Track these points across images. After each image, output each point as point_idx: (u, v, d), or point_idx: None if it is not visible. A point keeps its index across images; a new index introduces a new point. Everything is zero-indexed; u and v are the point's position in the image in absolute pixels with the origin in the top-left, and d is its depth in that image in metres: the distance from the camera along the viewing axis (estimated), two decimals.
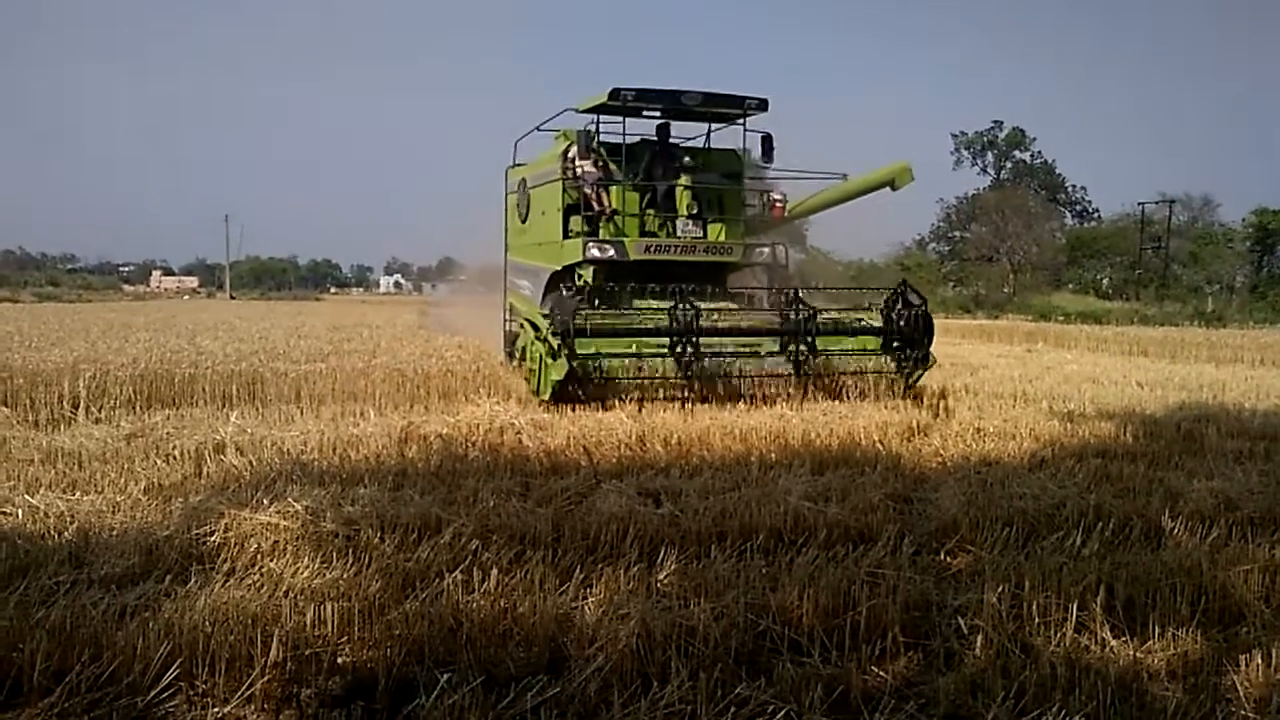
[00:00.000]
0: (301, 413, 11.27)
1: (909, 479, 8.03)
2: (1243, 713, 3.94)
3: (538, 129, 15.95)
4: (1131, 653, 4.49)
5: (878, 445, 9.56)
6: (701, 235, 14.66)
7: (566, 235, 14.48)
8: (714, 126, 15.58)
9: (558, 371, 11.70)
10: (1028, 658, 4.36)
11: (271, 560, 5.45)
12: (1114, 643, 4.58)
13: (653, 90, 13.98)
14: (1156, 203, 62.39)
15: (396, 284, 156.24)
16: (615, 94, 13.65)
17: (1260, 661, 4.29)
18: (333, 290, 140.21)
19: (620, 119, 14.64)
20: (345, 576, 5.13)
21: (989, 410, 11.69)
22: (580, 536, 5.99)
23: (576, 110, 14.52)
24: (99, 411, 11.23)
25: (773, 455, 8.86)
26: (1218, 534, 6.17)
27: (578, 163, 14.53)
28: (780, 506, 6.57)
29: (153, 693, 3.89)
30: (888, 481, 7.74)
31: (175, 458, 8.34)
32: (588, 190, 14.35)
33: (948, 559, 5.92)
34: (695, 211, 14.73)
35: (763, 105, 14.30)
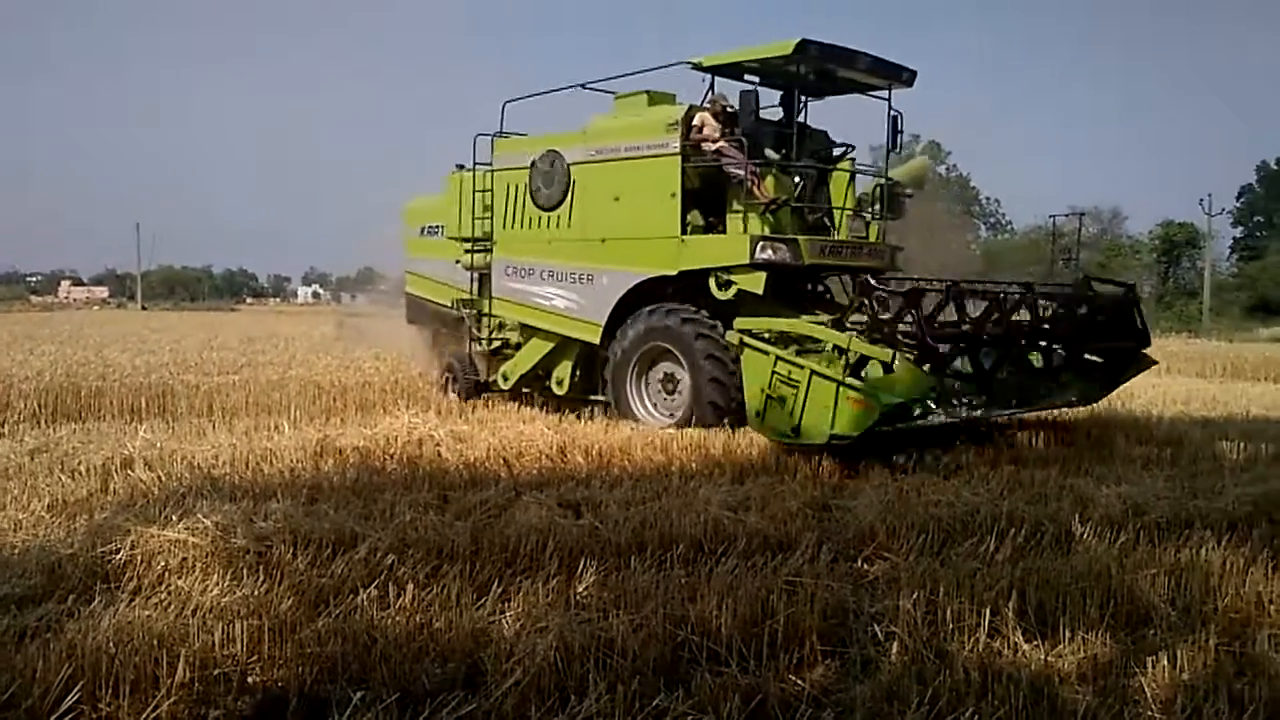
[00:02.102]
0: (214, 426, 11.03)
1: (828, 487, 8.11)
2: (1150, 713, 4.02)
3: (584, 87, 13.17)
4: (1043, 656, 4.57)
5: (797, 454, 9.63)
6: (865, 235, 12.45)
7: (689, 229, 11.57)
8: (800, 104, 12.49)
9: (861, 411, 8.71)
10: (942, 663, 4.41)
11: (179, 578, 5.31)
12: (1026, 647, 4.65)
13: (840, 48, 11.29)
14: (1066, 215, 64.03)
15: (315, 294, 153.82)
16: (803, 47, 10.84)
17: (1166, 663, 4.39)
18: (249, 301, 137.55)
19: (744, 85, 11.68)
20: (256, 594, 5.00)
21: None
22: (499, 549, 5.92)
23: (698, 66, 11.68)
24: (1, 426, 10.87)
25: (694, 465, 8.88)
26: (1126, 539, 6.31)
27: (714, 137, 11.50)
28: (700, 516, 6.58)
29: (53, 717, 3.75)
30: (807, 489, 7.81)
31: (81, 473, 8.08)
32: (736, 172, 11.30)
33: (865, 566, 5.97)
34: (856, 206, 12.42)
35: (912, 78, 12.09)
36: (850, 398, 8.72)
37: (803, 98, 12.43)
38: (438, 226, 15.32)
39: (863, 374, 8.93)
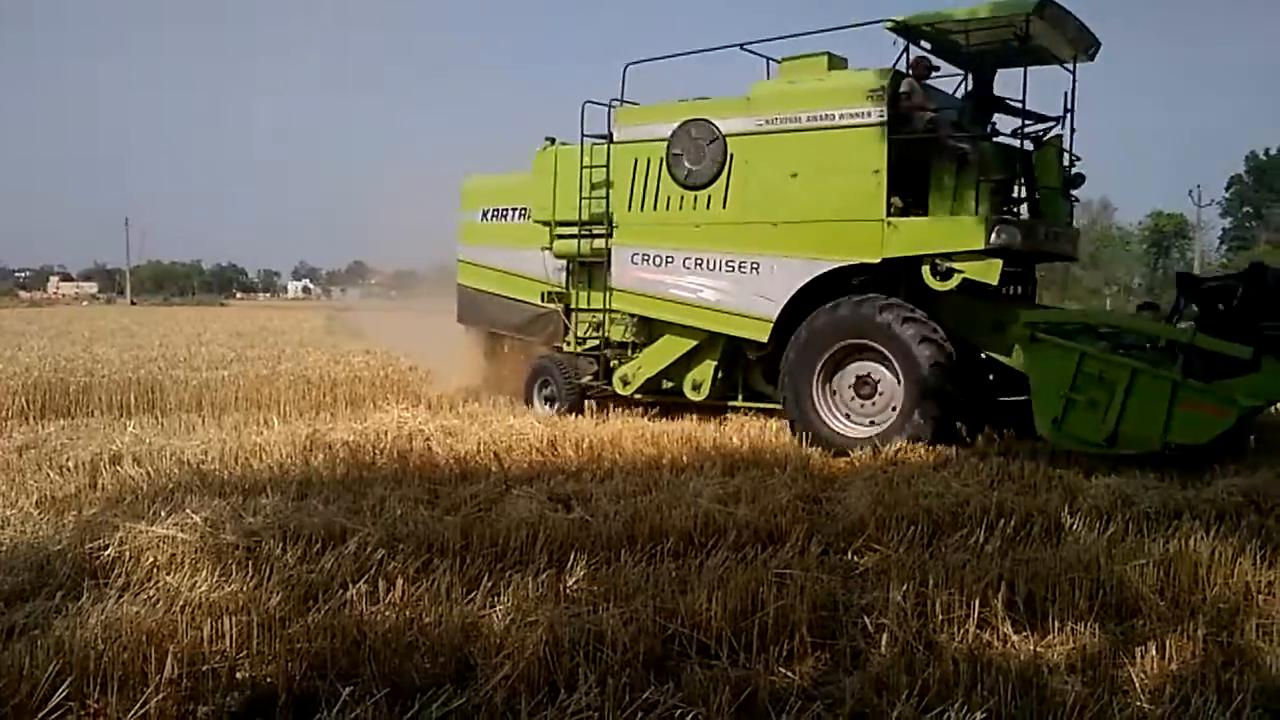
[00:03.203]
0: (203, 421, 11.02)
1: (818, 479, 8.12)
2: (1138, 704, 4.03)
3: (741, 48, 11.55)
4: (1032, 647, 4.58)
5: (788, 446, 9.65)
6: (1069, 219, 11.63)
7: (895, 210, 10.19)
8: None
9: (1213, 417, 8.04)
10: (931, 655, 4.41)
11: (168, 574, 5.28)
12: (1015, 638, 4.66)
13: (1067, 10, 10.27)
14: None
15: (305, 289, 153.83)
16: (1043, 6, 9.78)
17: (1155, 654, 4.40)
18: (238, 296, 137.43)
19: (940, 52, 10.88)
20: (245, 589, 4.99)
21: None
22: (489, 544, 5.92)
23: (899, 25, 10.30)
24: None
25: (684, 458, 8.88)
26: (1115, 529, 6.31)
27: (928, 106, 10.38)
28: (691, 509, 6.58)
29: (41, 714, 3.73)
30: (797, 482, 7.81)
31: (69, 469, 8.07)
32: (962, 147, 10.13)
33: (855, 558, 5.97)
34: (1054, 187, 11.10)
35: (1097, 50, 11.13)
36: (1193, 401, 7.96)
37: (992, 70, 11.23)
38: (509, 210, 13.64)
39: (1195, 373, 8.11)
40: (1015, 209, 11.27)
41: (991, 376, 10.74)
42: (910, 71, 10.42)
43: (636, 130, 11.88)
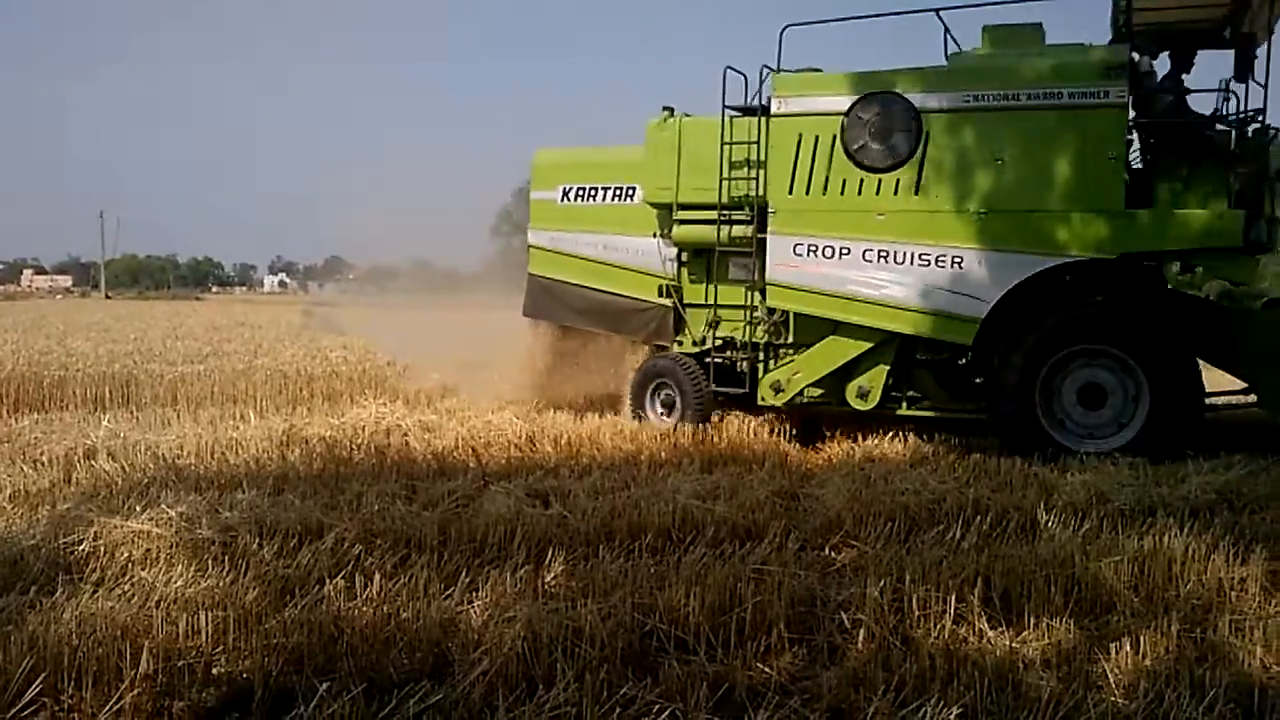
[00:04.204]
0: (178, 416, 10.97)
1: (796, 476, 8.14)
2: (1112, 699, 4.06)
3: (937, 13, 9.85)
4: (1008, 643, 4.60)
5: (766, 443, 9.67)
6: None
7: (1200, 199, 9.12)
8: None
9: None
10: (908, 650, 4.43)
11: (143, 569, 5.25)
12: (991, 633, 4.69)
13: None
14: None
15: (282, 283, 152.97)
16: None
17: (1129, 649, 4.43)
18: (214, 290, 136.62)
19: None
20: (221, 585, 4.97)
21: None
22: (467, 539, 5.92)
23: None
24: None
25: (663, 454, 8.89)
26: (1090, 526, 6.35)
27: (1162, 86, 9.60)
28: (669, 505, 6.58)
29: (15, 710, 3.71)
30: (775, 478, 7.83)
31: (43, 464, 8.01)
32: (1221, 128, 9.41)
33: (832, 554, 6.00)
34: None
35: None
36: None
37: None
38: (602, 189, 12.00)
39: None
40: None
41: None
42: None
43: (802, 102, 10.21)
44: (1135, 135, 9.48)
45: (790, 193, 10.16)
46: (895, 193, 9.75)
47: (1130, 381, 9.20)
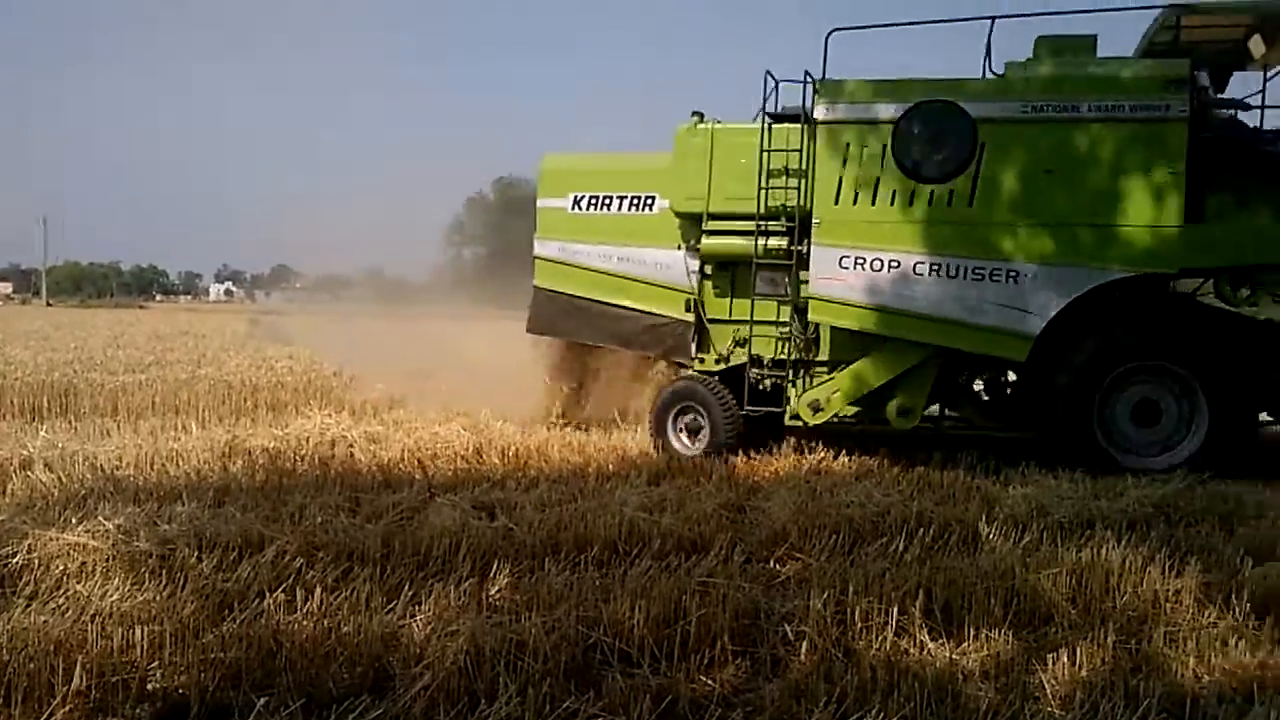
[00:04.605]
0: (118, 426, 10.79)
1: (743, 488, 8.16)
2: (1049, 709, 4.11)
3: (992, 20, 9.54)
4: (948, 654, 4.65)
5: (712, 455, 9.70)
6: None
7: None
8: None
9: None
10: (850, 662, 4.46)
11: (78, 582, 5.15)
12: (931, 645, 4.73)
13: None
14: None
15: (228, 292, 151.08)
16: None
17: (1066, 660, 4.49)
18: (159, 298, 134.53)
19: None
20: (158, 598, 4.89)
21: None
22: (411, 552, 5.86)
23: (1191, 7, 9.38)
24: None
25: (610, 466, 8.89)
26: (1030, 538, 6.44)
27: (1217, 101, 9.67)
28: (616, 517, 6.58)
29: None
30: (722, 491, 7.86)
31: None
32: (1270, 150, 9.34)
33: (777, 566, 6.02)
34: None
35: None
36: None
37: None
38: (619, 197, 11.35)
39: None
40: None
41: None
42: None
43: (850, 110, 9.83)
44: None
45: (836, 203, 9.76)
46: (949, 204, 9.50)
47: (1186, 399, 9.25)
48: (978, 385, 11.11)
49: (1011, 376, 10.77)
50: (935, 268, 9.47)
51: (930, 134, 9.52)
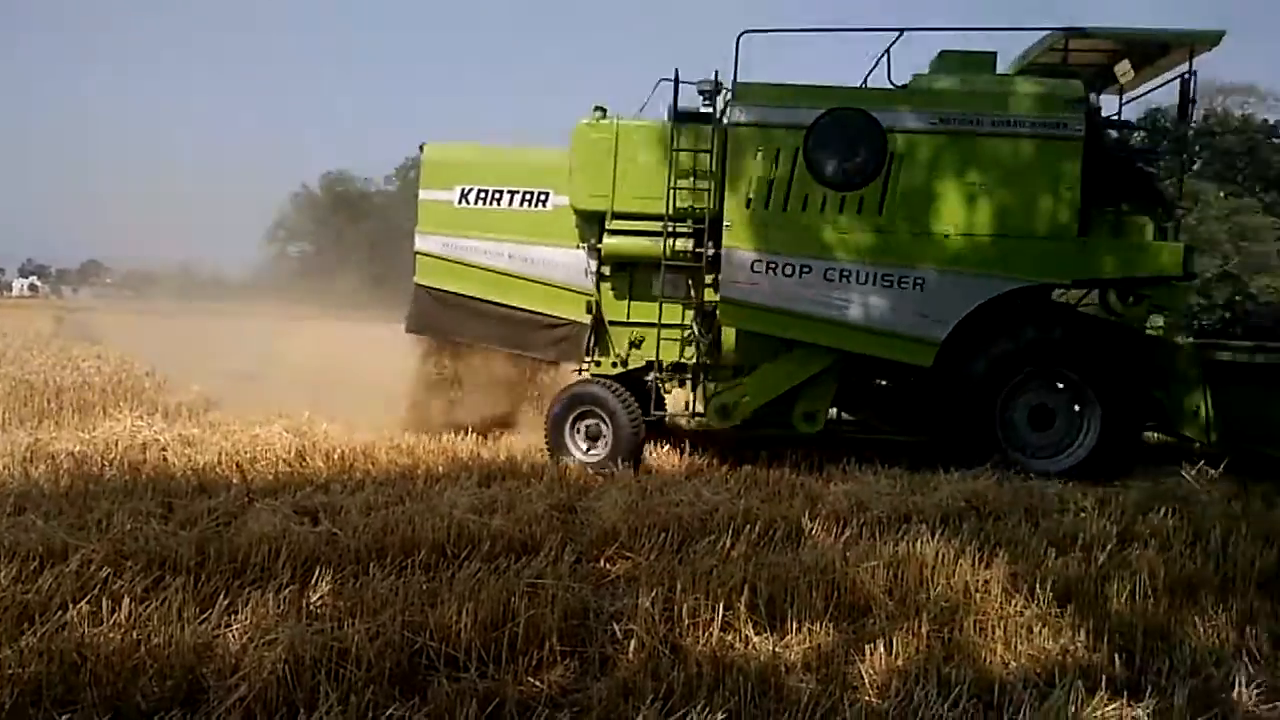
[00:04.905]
0: None
1: (574, 489, 8.16)
2: (867, 699, 4.25)
3: (900, 32, 9.84)
4: (772, 648, 4.76)
5: (545, 456, 9.67)
6: None
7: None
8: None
9: None
10: (677, 658, 4.52)
11: None
12: (756, 639, 4.84)
13: None
14: None
15: (33, 287, 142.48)
16: (1220, 37, 9.70)
17: (883, 650, 4.66)
18: None
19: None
20: None
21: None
22: (227, 559, 5.63)
23: (1083, 32, 9.88)
24: None
25: (440, 468, 8.75)
26: (850, 533, 6.66)
27: (1110, 122, 10.21)
28: (444, 520, 6.47)
29: None
30: (553, 491, 7.84)
31: None
32: (1151, 170, 10.22)
33: (607, 566, 6.05)
34: None
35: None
36: None
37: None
38: (511, 193, 10.77)
39: None
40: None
41: None
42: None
43: (764, 113, 9.79)
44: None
45: (748, 206, 9.75)
46: (859, 211, 9.64)
47: (1079, 405, 9.71)
48: (876, 389, 11.32)
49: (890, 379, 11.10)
50: (846, 274, 9.60)
51: (842, 141, 9.63)
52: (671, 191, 9.93)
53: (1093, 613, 5.41)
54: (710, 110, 10.08)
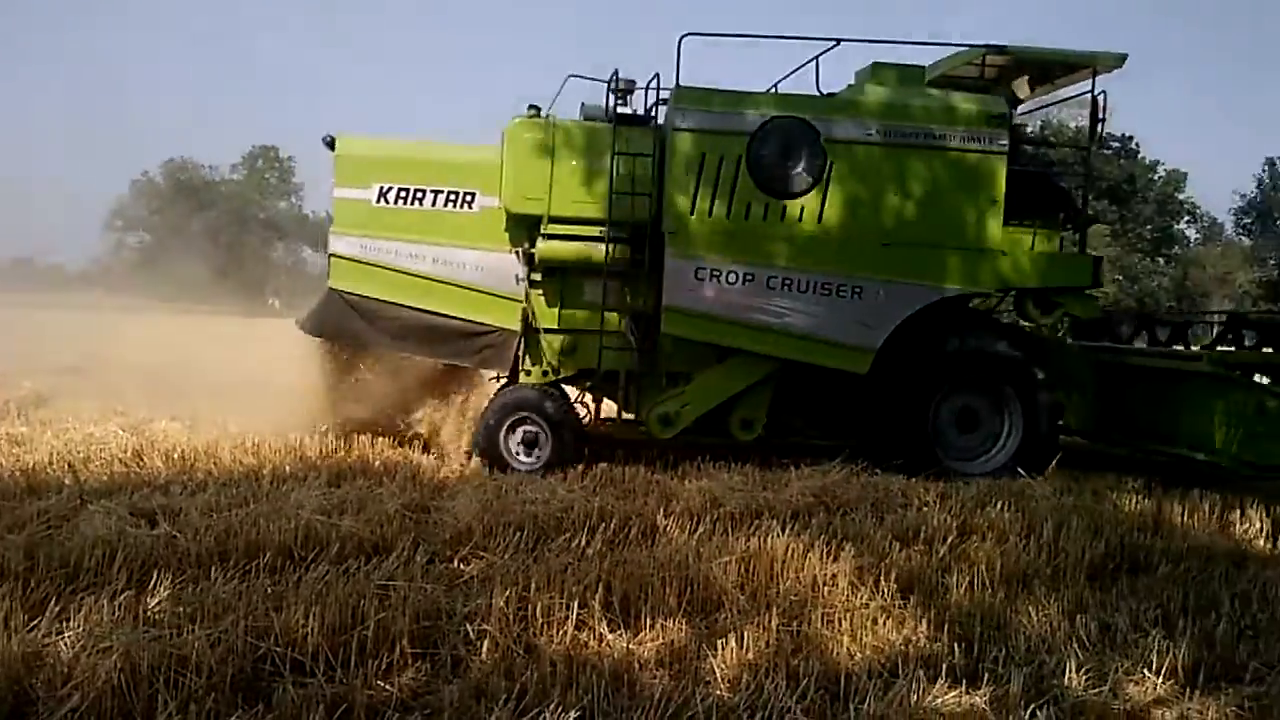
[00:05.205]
0: None
1: (427, 488, 8.03)
2: (718, 693, 4.31)
3: (836, 41, 10.01)
4: (625, 645, 4.78)
5: (397, 455, 9.50)
6: None
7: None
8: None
9: None
10: (531, 658, 4.50)
11: None
12: (610, 636, 4.86)
13: None
14: None
15: None
16: (1123, 59, 10.23)
17: (734, 644, 4.73)
18: None
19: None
20: None
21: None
22: (59, 564, 5.35)
23: (1002, 49, 10.19)
24: None
25: (287, 468, 8.50)
26: (704, 530, 6.74)
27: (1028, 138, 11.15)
28: (291, 521, 6.29)
29: None
30: (406, 491, 7.69)
31: None
32: (1064, 186, 11.01)
33: (461, 566, 5.97)
34: None
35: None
36: None
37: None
38: (434, 192, 10.11)
39: None
40: None
41: None
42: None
43: (708, 118, 9.70)
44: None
45: (693, 213, 9.64)
46: (800, 219, 9.67)
47: (1003, 409, 10.08)
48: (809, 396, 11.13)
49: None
50: (787, 282, 9.65)
51: (783, 149, 9.64)
52: (613, 196, 9.68)
53: (934, 604, 5.62)
54: (627, 110, 9.98)
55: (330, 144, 10.32)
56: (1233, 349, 10.77)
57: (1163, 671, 4.73)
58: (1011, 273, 9.92)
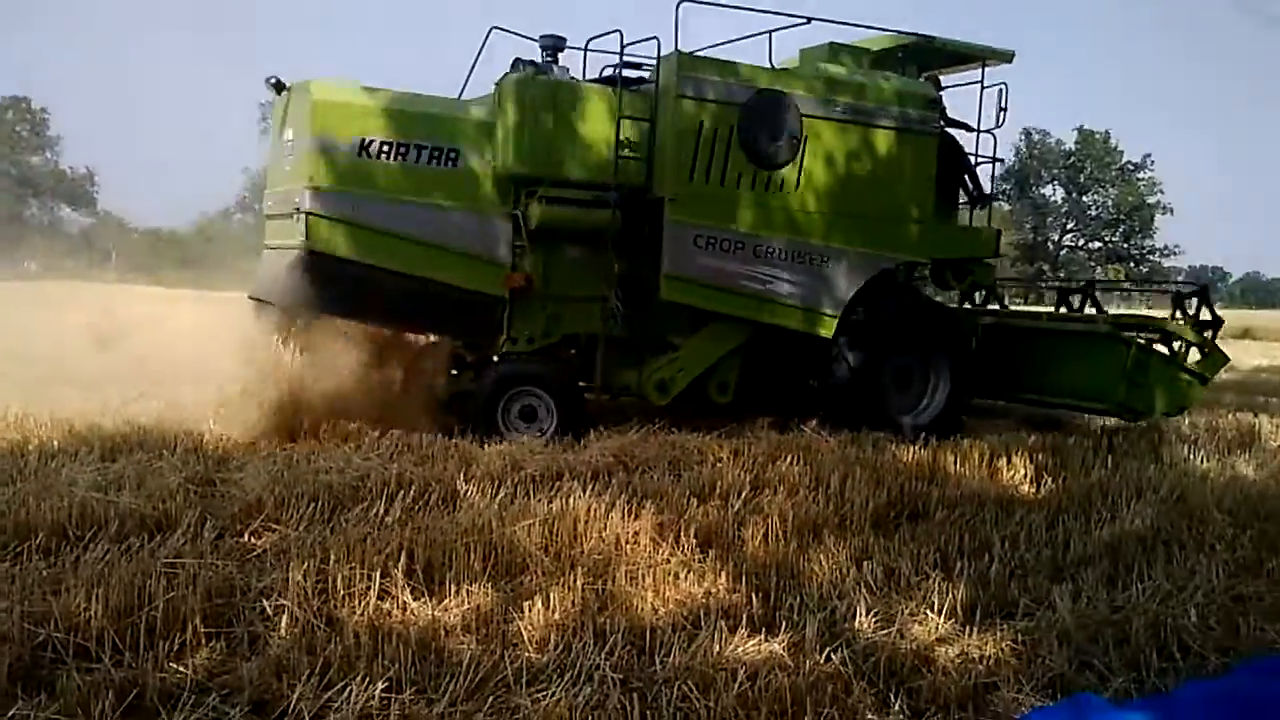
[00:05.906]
0: None
1: (212, 460, 7.66)
2: (527, 654, 4.33)
3: (809, 20, 10.59)
4: (431, 612, 4.73)
5: (176, 427, 9.00)
6: None
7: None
8: None
9: (1196, 390, 11.62)
10: (333, 631, 4.39)
11: None
12: (414, 605, 4.79)
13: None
14: None
15: None
16: (1011, 56, 11.65)
17: (541, 606, 4.75)
18: None
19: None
20: None
21: None
22: None
23: (930, 41, 11.08)
24: None
25: (56, 443, 7.95)
26: (505, 493, 6.71)
27: (949, 121, 11.50)
28: (64, 500, 5.90)
29: None
30: (189, 464, 7.32)
31: None
32: (972, 165, 11.56)
33: (253, 540, 5.75)
34: None
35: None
36: (1186, 380, 11.25)
37: None
38: (419, 148, 9.24)
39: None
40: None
41: None
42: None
43: (707, 87, 9.72)
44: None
45: (691, 179, 9.67)
46: (781, 189, 10.03)
47: (930, 370, 10.89)
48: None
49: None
50: (770, 250, 10.00)
51: (771, 121, 9.87)
52: (618, 161, 9.54)
53: (731, 556, 5.81)
54: (555, 68, 9.84)
55: (278, 87, 9.62)
56: (1094, 311, 12.38)
57: (944, 611, 5.03)
58: (943, 244, 11.10)
